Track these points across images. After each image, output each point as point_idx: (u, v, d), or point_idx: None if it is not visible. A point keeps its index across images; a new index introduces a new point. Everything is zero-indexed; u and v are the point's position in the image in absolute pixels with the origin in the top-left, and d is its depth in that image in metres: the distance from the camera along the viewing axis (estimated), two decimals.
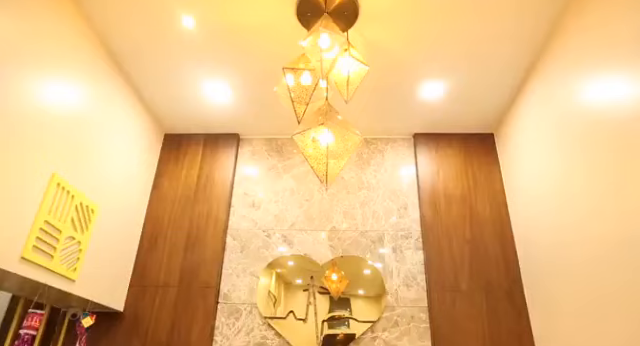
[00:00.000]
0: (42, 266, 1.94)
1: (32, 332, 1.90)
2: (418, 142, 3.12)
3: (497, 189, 2.91)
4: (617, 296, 1.72)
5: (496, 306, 2.56)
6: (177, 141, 3.20)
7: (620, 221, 1.70)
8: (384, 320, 2.59)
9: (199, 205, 2.94)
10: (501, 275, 2.63)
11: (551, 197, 2.28)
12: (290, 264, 2.79)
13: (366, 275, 2.73)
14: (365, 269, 2.74)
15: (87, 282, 2.27)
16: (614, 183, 1.74)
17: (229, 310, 2.65)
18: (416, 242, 2.80)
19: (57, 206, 2.04)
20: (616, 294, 1.73)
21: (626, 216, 1.66)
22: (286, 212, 2.94)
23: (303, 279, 2.72)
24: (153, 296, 2.67)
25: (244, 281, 2.73)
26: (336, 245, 2.82)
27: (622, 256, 1.69)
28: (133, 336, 2.57)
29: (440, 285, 2.63)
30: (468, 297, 2.59)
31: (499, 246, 2.72)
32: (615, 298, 1.74)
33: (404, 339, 2.54)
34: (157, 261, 2.77)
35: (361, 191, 2.99)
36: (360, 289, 2.69)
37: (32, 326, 1.90)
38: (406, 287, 2.68)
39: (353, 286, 2.69)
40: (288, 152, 3.17)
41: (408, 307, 2.62)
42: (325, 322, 2.59)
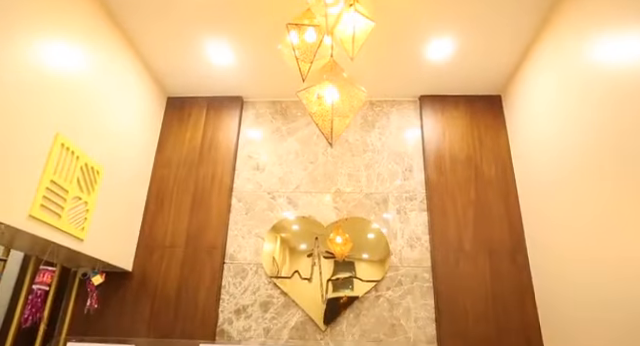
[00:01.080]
0: (50, 225, 1.96)
1: (44, 287, 1.95)
2: (424, 104, 3.07)
3: (503, 151, 2.89)
4: (619, 252, 1.73)
5: (499, 266, 2.59)
6: (180, 104, 3.17)
7: (626, 182, 1.69)
8: (388, 279, 2.64)
9: (203, 168, 2.94)
10: (505, 235, 2.65)
11: (557, 158, 2.26)
12: (294, 228, 2.81)
13: (370, 238, 2.76)
14: (369, 232, 2.76)
15: (95, 242, 2.31)
16: (622, 143, 1.72)
17: (235, 270, 2.70)
18: (420, 204, 2.81)
19: (62, 166, 2.05)
20: (618, 250, 1.74)
21: (632, 176, 1.65)
22: (290, 175, 2.94)
23: (307, 244, 2.75)
24: (161, 256, 2.71)
25: (249, 242, 2.77)
26: (341, 207, 2.84)
27: (626, 215, 1.69)
28: (142, 295, 2.64)
29: (444, 246, 2.65)
30: (471, 257, 2.62)
31: (503, 207, 2.72)
32: (617, 254, 1.75)
33: (407, 298, 2.59)
34: (163, 223, 2.80)
35: (366, 153, 2.98)
36: (364, 253, 2.72)
37: (44, 282, 1.95)
38: (410, 248, 2.70)
39: (357, 250, 2.72)
40: (292, 115, 3.14)
41: (412, 267, 2.65)
42: (330, 281, 2.63)
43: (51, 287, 2.25)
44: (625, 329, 1.70)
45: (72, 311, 2.56)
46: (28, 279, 2.09)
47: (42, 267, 1.98)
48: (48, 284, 1.97)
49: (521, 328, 2.44)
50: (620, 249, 1.73)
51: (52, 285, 2.33)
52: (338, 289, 2.62)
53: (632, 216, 1.66)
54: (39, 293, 1.94)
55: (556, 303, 2.27)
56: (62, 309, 2.57)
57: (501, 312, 2.49)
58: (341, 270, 2.67)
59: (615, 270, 1.76)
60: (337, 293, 2.61)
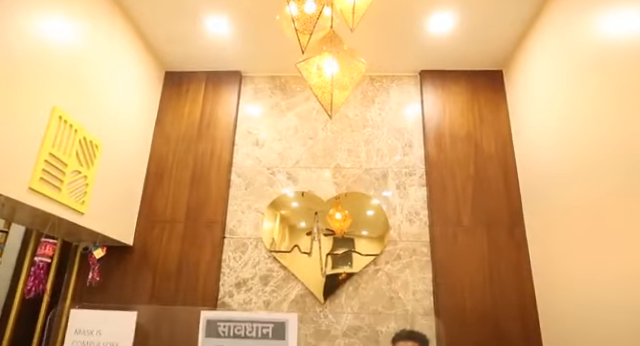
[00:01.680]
0: (50, 198, 1.97)
1: (46, 259, 1.97)
2: (424, 79, 3.04)
3: (503, 126, 2.87)
4: (618, 227, 1.74)
5: (497, 240, 2.61)
6: (178, 79, 3.13)
7: (625, 158, 1.68)
8: (387, 254, 2.66)
9: (203, 143, 2.93)
10: (503, 210, 2.66)
11: (557, 134, 2.25)
12: (294, 203, 2.82)
13: (370, 214, 2.77)
14: (369, 208, 2.77)
15: (96, 215, 2.31)
16: (622, 120, 1.71)
17: (235, 244, 2.72)
18: (420, 179, 2.81)
19: (61, 139, 2.04)
20: (617, 225, 1.75)
21: (631, 154, 1.64)
22: (290, 150, 2.93)
23: (307, 219, 2.76)
24: (161, 231, 2.73)
25: (249, 217, 2.78)
26: (340, 182, 2.84)
27: (624, 193, 1.69)
28: (143, 268, 2.67)
29: (442, 220, 2.67)
30: (470, 232, 2.64)
31: (502, 183, 2.73)
32: (616, 229, 1.76)
33: (406, 271, 2.62)
34: (163, 198, 2.81)
35: (365, 129, 2.96)
36: (364, 229, 2.73)
37: (46, 254, 1.96)
38: (409, 222, 2.72)
39: (357, 226, 2.73)
40: (291, 90, 3.11)
41: (410, 241, 2.68)
42: (329, 256, 2.66)
43: (53, 260, 2.27)
44: (619, 301, 1.72)
45: (74, 284, 2.59)
46: (30, 251, 2.11)
47: (43, 239, 2.00)
48: (50, 256, 1.99)
49: (517, 300, 2.48)
50: (619, 225, 1.74)
51: (54, 258, 2.35)
52: (337, 263, 2.65)
53: (633, 193, 1.66)
54: (41, 265, 1.96)
55: (552, 277, 2.30)
56: (64, 282, 2.60)
57: (497, 285, 2.52)
58: (340, 246, 2.69)
59: (612, 246, 1.78)
60: (336, 267, 2.63)
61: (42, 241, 2.00)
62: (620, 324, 1.71)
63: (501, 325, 2.45)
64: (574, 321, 2.06)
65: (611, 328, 1.76)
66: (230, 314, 1.38)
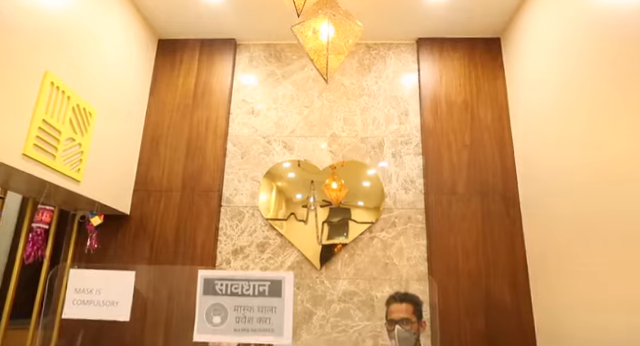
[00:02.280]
0: (45, 165, 1.97)
1: (44, 226, 1.98)
2: (421, 47, 3.00)
3: (500, 95, 2.86)
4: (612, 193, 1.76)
5: (490, 209, 2.64)
6: (172, 47, 3.08)
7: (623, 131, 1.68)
8: (382, 221, 2.69)
9: (198, 112, 2.91)
10: (497, 179, 2.68)
11: (554, 102, 2.24)
12: (290, 172, 2.82)
13: (365, 183, 2.78)
14: (364, 177, 2.78)
15: (92, 183, 2.32)
16: (622, 85, 1.70)
17: (232, 213, 2.74)
18: (415, 148, 2.82)
19: (54, 106, 2.02)
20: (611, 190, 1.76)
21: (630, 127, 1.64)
22: (286, 119, 2.92)
23: (303, 190, 2.77)
24: (158, 200, 2.74)
25: (246, 185, 2.79)
26: (336, 151, 2.84)
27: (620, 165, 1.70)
28: (141, 237, 2.69)
29: (437, 188, 2.69)
30: (464, 200, 2.66)
31: (497, 151, 2.74)
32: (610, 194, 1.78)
33: (400, 238, 2.66)
34: (159, 167, 2.80)
35: (362, 98, 2.94)
36: (359, 198, 2.75)
37: (43, 220, 1.97)
38: (404, 190, 2.74)
39: (353, 196, 2.75)
40: (287, 58, 3.07)
41: (405, 209, 2.71)
42: (325, 223, 2.69)
43: (51, 227, 2.29)
44: (612, 272, 1.76)
45: (73, 252, 2.61)
46: (27, 219, 2.12)
47: (40, 206, 2.00)
48: (47, 223, 2.00)
49: (509, 266, 2.53)
50: (613, 190, 1.76)
51: (52, 226, 2.36)
52: (333, 230, 2.68)
53: (629, 156, 1.67)
54: (39, 231, 1.97)
55: (544, 243, 2.34)
56: (63, 250, 2.63)
57: (490, 252, 2.57)
58: (337, 215, 2.71)
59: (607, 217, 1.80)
60: (332, 235, 2.67)
61: (39, 208, 2.01)
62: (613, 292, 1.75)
63: (493, 291, 2.51)
64: (564, 288, 2.11)
65: (602, 297, 1.80)
66: (227, 273, 1.41)
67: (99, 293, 1.34)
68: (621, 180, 1.69)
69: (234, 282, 1.28)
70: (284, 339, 1.24)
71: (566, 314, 2.08)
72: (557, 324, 2.18)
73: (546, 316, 2.31)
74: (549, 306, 2.28)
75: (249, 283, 1.27)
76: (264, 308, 1.25)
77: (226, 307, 1.26)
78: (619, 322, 1.67)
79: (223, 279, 1.29)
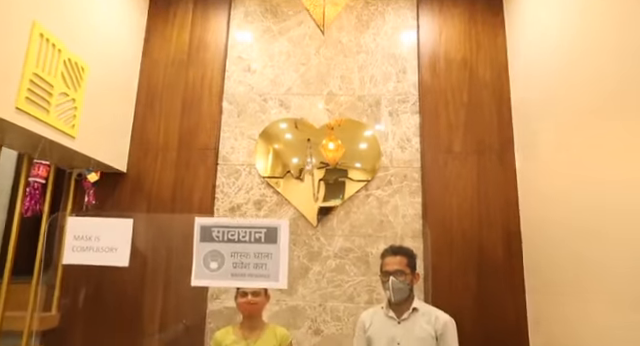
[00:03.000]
0: (39, 119, 1.95)
1: (40, 180, 1.99)
2: (421, 3, 2.92)
3: (500, 53, 2.81)
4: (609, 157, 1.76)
5: (486, 166, 2.65)
6: (164, 0, 2.98)
7: (629, 82, 1.65)
8: (378, 179, 2.71)
9: (193, 69, 2.86)
10: (494, 137, 2.68)
11: (556, 60, 2.20)
12: (286, 132, 2.80)
13: (362, 142, 2.77)
14: (361, 137, 2.77)
15: (87, 140, 2.31)
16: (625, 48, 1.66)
17: (229, 171, 2.75)
18: (412, 106, 2.79)
19: (44, 59, 1.98)
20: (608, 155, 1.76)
21: (632, 82, 1.62)
22: (282, 76, 2.87)
23: (299, 149, 2.76)
24: (154, 158, 2.74)
25: (242, 144, 2.78)
26: (333, 110, 2.82)
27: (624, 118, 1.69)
28: (138, 195, 2.71)
29: (434, 147, 2.69)
30: (460, 158, 2.67)
31: (495, 110, 2.72)
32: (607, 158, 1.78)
33: (396, 196, 2.68)
34: (155, 125, 2.79)
35: (359, 55, 2.89)
36: (356, 159, 2.75)
37: (39, 175, 1.98)
38: (400, 149, 2.74)
39: (349, 156, 2.74)
40: (283, 13, 2.99)
41: (401, 168, 2.72)
42: (321, 181, 2.70)
43: (47, 182, 2.30)
44: (605, 227, 1.79)
45: (71, 209, 2.63)
46: (24, 175, 2.13)
47: (36, 161, 2.00)
48: (44, 177, 2.01)
49: (502, 225, 2.57)
50: (612, 146, 1.76)
51: (49, 184, 2.36)
52: (329, 189, 2.70)
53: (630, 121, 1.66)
54: (36, 185, 1.98)
55: (537, 203, 2.37)
56: (61, 208, 2.65)
57: (485, 210, 2.60)
58: (333, 175, 2.72)
59: (603, 173, 1.81)
60: (329, 192, 2.69)
61: (35, 162, 2.01)
62: (606, 248, 1.78)
63: (485, 249, 2.55)
64: (556, 246, 2.15)
65: (597, 258, 1.82)
66: (223, 220, 1.43)
67: (98, 240, 1.36)
68: (615, 133, 1.68)
69: (230, 229, 1.30)
70: (280, 284, 1.28)
71: (556, 271, 2.13)
72: (547, 281, 2.24)
73: (536, 274, 2.37)
74: (540, 264, 2.33)
75: (245, 230, 1.30)
76: (260, 254, 1.28)
77: (223, 253, 1.29)
78: (612, 272, 1.71)
79: (220, 226, 1.31)
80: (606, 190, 1.74)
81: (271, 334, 1.91)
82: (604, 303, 1.72)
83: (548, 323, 2.22)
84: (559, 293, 2.10)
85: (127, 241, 1.39)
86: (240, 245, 1.28)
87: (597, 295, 1.77)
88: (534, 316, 2.38)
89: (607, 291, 1.71)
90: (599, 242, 1.77)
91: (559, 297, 2.09)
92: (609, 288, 1.70)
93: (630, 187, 1.58)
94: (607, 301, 1.70)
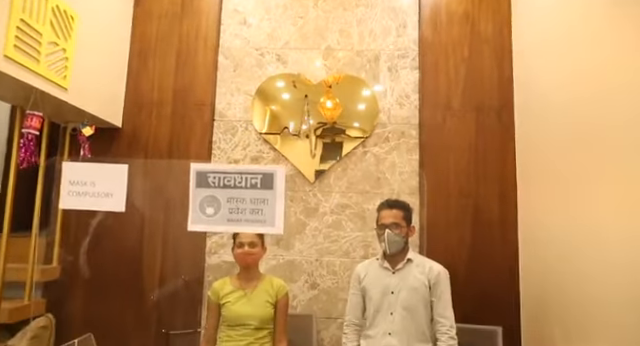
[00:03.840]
0: (29, 68, 1.91)
1: (34, 131, 1.96)
2: None
3: (503, 7, 2.72)
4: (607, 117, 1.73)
5: (485, 123, 2.63)
6: None
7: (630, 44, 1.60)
8: (375, 136, 2.69)
9: (187, 21, 2.78)
10: (494, 94, 2.65)
11: (561, 15, 2.13)
12: (284, 88, 2.75)
13: (360, 100, 2.73)
14: (359, 95, 2.72)
15: (80, 92, 2.26)
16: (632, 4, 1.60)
17: (225, 127, 2.72)
18: (412, 62, 2.74)
19: (31, 5, 1.92)
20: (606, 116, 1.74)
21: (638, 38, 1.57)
22: (279, 30, 2.79)
23: (297, 107, 2.71)
24: (149, 113, 2.71)
25: (239, 99, 2.74)
26: (331, 65, 2.76)
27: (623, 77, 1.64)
28: (134, 151, 2.69)
29: (432, 103, 2.66)
30: (459, 115, 2.65)
31: (496, 66, 2.67)
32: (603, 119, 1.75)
33: (393, 153, 2.67)
34: (149, 79, 2.73)
35: (358, 8, 2.80)
36: (354, 117, 2.71)
37: (32, 126, 1.95)
38: (399, 106, 2.71)
39: (347, 113, 2.70)
40: None
41: (399, 124, 2.69)
42: (319, 138, 2.68)
43: (42, 134, 2.28)
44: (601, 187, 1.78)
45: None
46: (17, 128, 2.10)
47: (29, 112, 1.97)
48: (37, 129, 1.98)
49: (499, 181, 2.57)
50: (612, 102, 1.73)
51: (43, 134, 2.34)
52: (327, 146, 2.68)
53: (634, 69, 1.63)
54: (30, 137, 1.96)
55: (534, 160, 2.36)
56: (57, 162, 2.63)
57: (481, 168, 2.60)
58: (331, 132, 2.70)
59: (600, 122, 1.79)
60: (326, 149, 2.68)
61: (27, 113, 1.98)
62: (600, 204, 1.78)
63: (481, 205, 2.58)
64: (550, 202, 2.16)
65: (590, 213, 1.83)
66: (219, 166, 1.42)
67: (93, 185, 1.36)
68: (620, 91, 1.66)
69: (226, 175, 1.30)
70: (276, 229, 1.29)
71: (550, 226, 2.16)
72: (540, 236, 2.27)
73: (530, 228, 2.40)
74: (534, 219, 2.36)
75: (241, 176, 1.29)
76: (256, 200, 1.28)
77: (219, 199, 1.29)
78: (606, 229, 1.73)
79: (215, 172, 1.30)
80: (606, 145, 1.73)
81: (268, 284, 1.95)
82: (594, 255, 1.75)
83: (539, 276, 2.27)
84: (551, 246, 2.13)
85: (123, 187, 1.39)
86: (236, 191, 1.28)
87: (588, 247, 1.80)
88: (526, 269, 2.43)
89: (598, 244, 1.73)
90: (592, 197, 1.78)
91: (551, 250, 2.13)
92: (600, 241, 1.72)
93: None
94: (597, 254, 1.72)
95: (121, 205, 1.38)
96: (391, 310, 1.89)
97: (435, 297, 1.89)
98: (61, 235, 2.61)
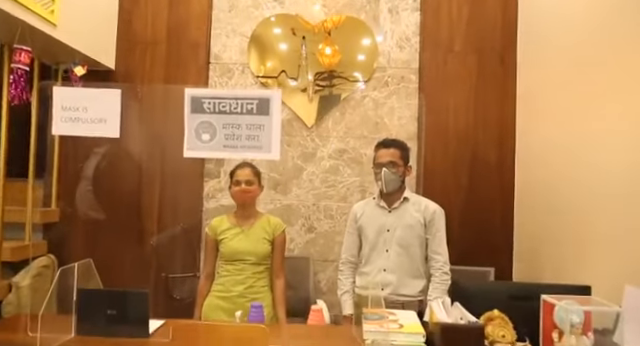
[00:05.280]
0: None
1: (23, 67, 1.91)
2: None
3: None
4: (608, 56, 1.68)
5: (486, 67, 2.58)
6: None
7: None
8: (374, 81, 2.64)
9: None
10: (497, 36, 2.58)
11: None
12: (281, 30, 2.66)
13: (359, 42, 2.66)
14: (358, 38, 2.65)
15: (69, 29, 2.19)
16: None
17: (221, 70, 2.66)
18: (413, 3, 2.64)
19: None
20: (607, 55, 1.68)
21: None
22: None
23: (294, 50, 2.63)
24: (143, 53, 2.64)
25: (234, 41, 2.67)
26: (329, 5, 2.67)
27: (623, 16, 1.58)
28: (128, 93, 2.63)
29: (434, 45, 2.60)
30: (460, 58, 2.59)
31: (500, 6, 2.60)
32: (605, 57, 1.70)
33: (392, 98, 2.63)
34: (142, 17, 2.64)
35: None
36: (353, 61, 2.65)
37: (22, 61, 1.90)
38: (399, 49, 2.64)
39: (346, 58, 2.64)
40: None
41: (399, 68, 2.64)
42: (317, 81, 2.63)
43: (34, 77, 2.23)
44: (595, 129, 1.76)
45: None
46: (7, 64, 2.04)
47: (16, 46, 1.91)
48: (26, 64, 1.93)
49: (498, 125, 2.56)
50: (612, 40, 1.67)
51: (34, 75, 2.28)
52: (325, 89, 2.64)
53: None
54: (20, 73, 1.91)
55: (535, 102, 2.33)
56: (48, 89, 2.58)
57: (481, 111, 2.57)
58: (329, 76, 2.65)
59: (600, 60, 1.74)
60: (324, 94, 2.63)
61: (15, 48, 1.92)
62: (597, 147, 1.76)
63: (479, 149, 2.58)
64: (548, 148, 2.15)
65: (587, 155, 1.81)
66: (214, 91, 1.40)
67: (86, 111, 1.33)
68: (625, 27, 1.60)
69: (222, 100, 1.27)
70: (272, 155, 1.28)
71: (547, 167, 2.16)
72: (536, 177, 2.28)
73: (527, 173, 2.41)
74: (531, 162, 2.36)
75: (237, 101, 1.26)
76: (252, 126, 1.26)
77: (214, 125, 1.27)
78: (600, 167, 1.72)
79: (210, 98, 1.28)
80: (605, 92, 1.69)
81: (265, 222, 1.97)
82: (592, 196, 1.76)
83: (533, 219, 2.30)
84: (547, 187, 2.14)
85: (116, 112, 1.37)
86: (232, 116, 1.26)
87: (584, 187, 1.81)
88: (520, 213, 2.47)
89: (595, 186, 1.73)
90: (590, 141, 1.77)
91: (547, 191, 2.14)
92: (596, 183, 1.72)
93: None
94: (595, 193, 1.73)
95: (115, 131, 1.36)
96: (386, 247, 1.93)
97: (430, 235, 1.92)
98: (59, 178, 2.61)
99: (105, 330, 1.29)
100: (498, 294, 1.45)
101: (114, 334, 1.28)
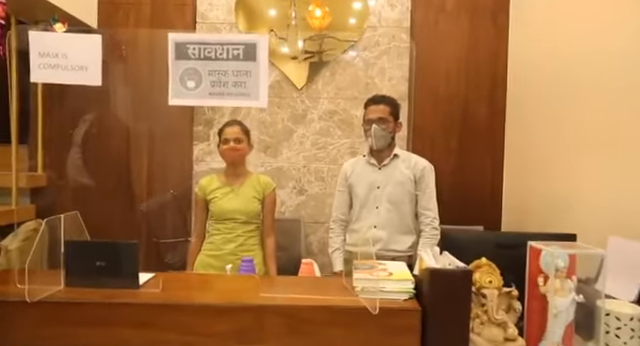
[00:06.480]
0: None
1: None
2: None
3: None
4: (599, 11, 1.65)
5: (479, 26, 2.54)
6: None
7: None
8: (365, 40, 2.59)
9: None
10: None
11: None
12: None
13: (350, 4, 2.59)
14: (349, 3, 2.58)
15: None
16: None
17: (208, 29, 2.60)
18: None
19: None
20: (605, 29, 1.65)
21: None
22: None
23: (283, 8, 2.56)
24: (126, 13, 2.55)
25: (221, 0, 2.58)
26: None
27: None
28: (112, 54, 2.56)
29: (425, 4, 2.55)
30: (452, 17, 2.54)
31: None
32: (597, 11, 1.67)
33: (383, 58, 2.59)
34: None
35: None
36: (344, 22, 2.59)
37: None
38: (390, 7, 2.58)
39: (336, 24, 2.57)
40: None
41: (390, 28, 2.59)
42: (306, 41, 2.58)
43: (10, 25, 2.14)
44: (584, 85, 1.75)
45: None
46: None
47: None
48: (2, 17, 1.85)
49: (489, 85, 2.55)
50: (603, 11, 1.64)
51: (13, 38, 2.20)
52: (315, 49, 2.58)
53: None
54: None
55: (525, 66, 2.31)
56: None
57: (473, 70, 2.55)
58: (319, 36, 2.59)
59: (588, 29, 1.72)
60: (313, 54, 2.58)
61: None
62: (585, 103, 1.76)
63: (470, 111, 2.56)
64: (539, 103, 2.14)
65: (575, 110, 1.81)
66: (199, 36, 1.35)
67: (65, 57, 1.29)
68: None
69: (207, 46, 1.23)
70: (260, 103, 1.25)
71: (536, 125, 2.16)
72: (526, 135, 2.29)
73: (517, 133, 2.41)
74: (521, 123, 2.36)
75: (223, 47, 1.23)
76: (239, 72, 1.23)
77: (200, 71, 1.23)
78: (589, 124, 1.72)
79: (195, 43, 1.24)
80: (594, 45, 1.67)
81: (255, 181, 1.96)
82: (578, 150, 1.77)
83: (522, 175, 2.32)
84: (537, 149, 2.15)
85: (97, 59, 1.32)
86: (217, 63, 1.22)
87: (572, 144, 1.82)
88: (510, 170, 2.48)
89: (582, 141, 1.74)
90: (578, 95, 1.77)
91: (537, 150, 2.15)
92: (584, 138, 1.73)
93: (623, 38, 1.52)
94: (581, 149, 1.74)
95: (97, 78, 1.32)
96: (377, 204, 1.93)
97: (420, 191, 1.92)
98: (44, 143, 2.56)
99: (94, 282, 1.29)
100: (486, 243, 1.46)
101: (103, 286, 1.28)
